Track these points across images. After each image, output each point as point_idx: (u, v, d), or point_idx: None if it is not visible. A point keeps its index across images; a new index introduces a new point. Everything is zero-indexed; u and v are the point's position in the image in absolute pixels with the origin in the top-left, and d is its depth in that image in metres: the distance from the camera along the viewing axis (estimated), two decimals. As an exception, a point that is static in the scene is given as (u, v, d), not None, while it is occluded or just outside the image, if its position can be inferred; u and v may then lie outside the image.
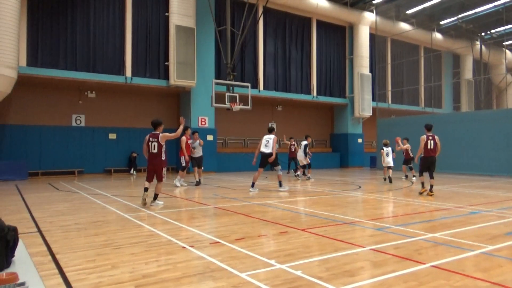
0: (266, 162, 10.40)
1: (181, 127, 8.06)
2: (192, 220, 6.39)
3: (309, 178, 14.45)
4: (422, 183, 9.81)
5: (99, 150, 17.05)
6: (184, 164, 11.70)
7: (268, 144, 10.50)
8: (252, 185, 10.54)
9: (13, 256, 2.92)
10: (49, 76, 14.47)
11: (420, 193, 9.63)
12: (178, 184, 11.68)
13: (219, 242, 4.75)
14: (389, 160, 13.22)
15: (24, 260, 2.99)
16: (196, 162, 12.16)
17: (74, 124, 16.70)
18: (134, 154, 17.38)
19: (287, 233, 5.20)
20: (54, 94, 16.30)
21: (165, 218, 6.43)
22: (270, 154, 10.29)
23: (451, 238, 4.91)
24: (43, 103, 16.06)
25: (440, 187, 11.51)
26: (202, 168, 12.53)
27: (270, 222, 6.02)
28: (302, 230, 5.43)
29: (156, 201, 7.83)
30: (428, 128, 9.67)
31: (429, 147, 9.47)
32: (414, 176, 14.04)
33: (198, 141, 12.04)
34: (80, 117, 16.85)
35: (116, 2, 16.21)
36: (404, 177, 14.37)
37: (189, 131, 11.96)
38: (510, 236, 5.10)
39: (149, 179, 7.92)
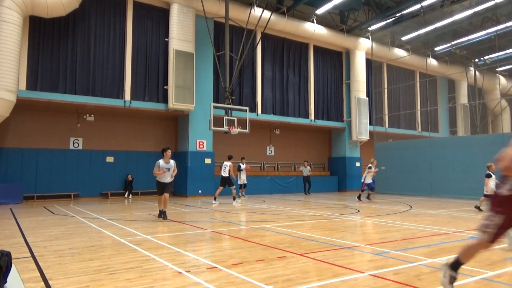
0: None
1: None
2: (189, 245, 6.30)
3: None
4: None
5: (96, 174, 16.96)
6: None
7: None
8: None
9: (5, 282, 2.86)
10: (48, 99, 14.54)
11: None
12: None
13: (216, 267, 4.68)
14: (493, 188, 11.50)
15: (17, 286, 2.93)
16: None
17: (71, 147, 16.68)
18: (130, 178, 17.26)
19: (285, 258, 5.13)
20: (52, 118, 16.36)
21: (161, 242, 6.34)
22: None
23: (451, 264, 4.84)
24: (41, 126, 16.09)
25: (439, 212, 11.45)
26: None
27: (268, 247, 5.94)
28: (301, 255, 5.36)
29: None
30: None
31: None
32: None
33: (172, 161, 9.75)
34: (78, 140, 16.85)
35: (117, 27, 16.52)
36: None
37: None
38: (509, 261, 5.04)
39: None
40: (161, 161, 9.52)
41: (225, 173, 14.04)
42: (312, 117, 21.95)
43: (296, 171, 22.66)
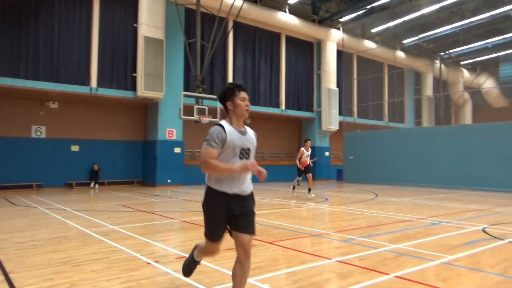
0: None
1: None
2: (157, 235, 6.22)
3: None
4: None
5: (60, 163, 16.37)
6: None
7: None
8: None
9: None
10: (9, 85, 13.83)
11: None
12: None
13: (185, 256, 4.65)
14: None
15: (-28, 280, 2.80)
16: None
17: (34, 135, 15.99)
18: (96, 167, 16.80)
19: (255, 246, 5.17)
20: (13, 105, 15.57)
21: (128, 232, 6.23)
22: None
23: (413, 249, 5.04)
24: (0, 113, 15.30)
25: (403, 199, 11.86)
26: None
27: (237, 236, 5.96)
28: (270, 243, 5.41)
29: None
30: None
31: None
32: None
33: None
34: (41, 128, 16.17)
35: (83, 10, 15.84)
36: None
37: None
38: (468, 246, 5.30)
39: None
40: (231, 129, 2.91)
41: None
42: (283, 107, 22.07)
43: (266, 160, 22.80)
